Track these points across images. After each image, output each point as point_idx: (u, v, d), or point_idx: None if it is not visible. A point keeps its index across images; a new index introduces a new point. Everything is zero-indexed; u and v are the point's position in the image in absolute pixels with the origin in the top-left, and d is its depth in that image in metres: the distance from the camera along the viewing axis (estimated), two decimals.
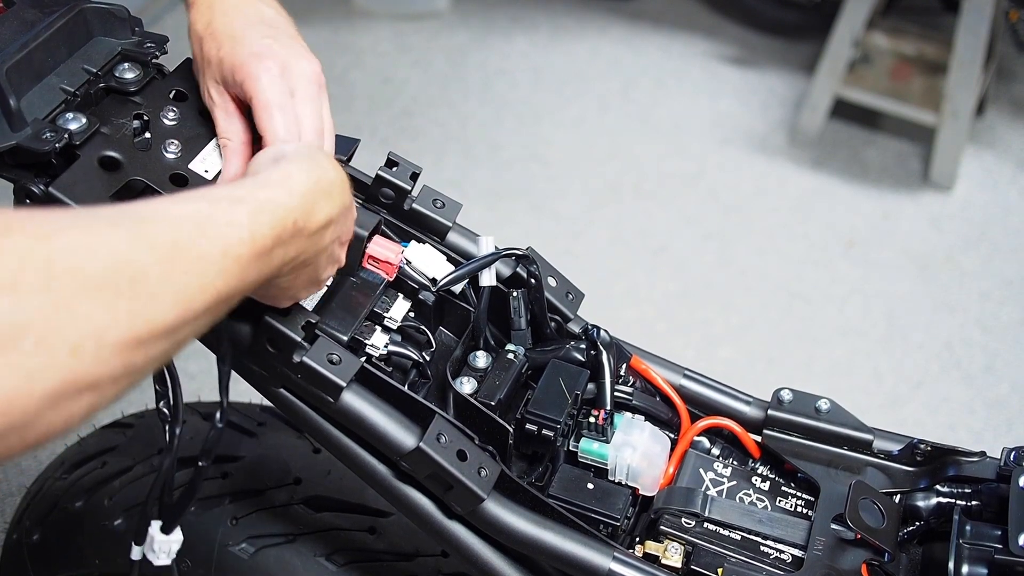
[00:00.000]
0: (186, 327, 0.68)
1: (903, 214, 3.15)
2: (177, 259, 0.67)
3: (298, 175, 0.81)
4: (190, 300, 0.67)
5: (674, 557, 1.02)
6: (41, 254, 0.59)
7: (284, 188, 0.79)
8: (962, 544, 0.97)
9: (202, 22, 0.98)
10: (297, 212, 0.79)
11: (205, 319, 0.70)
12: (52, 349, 0.58)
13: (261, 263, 0.75)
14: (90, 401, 0.61)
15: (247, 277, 0.73)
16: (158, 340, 0.65)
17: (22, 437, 0.59)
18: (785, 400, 1.11)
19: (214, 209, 0.72)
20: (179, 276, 0.66)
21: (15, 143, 0.91)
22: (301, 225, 0.79)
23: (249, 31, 0.97)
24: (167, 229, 0.68)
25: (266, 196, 0.77)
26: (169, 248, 0.66)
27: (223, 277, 0.70)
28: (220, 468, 1.36)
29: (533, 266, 1.09)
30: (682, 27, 3.79)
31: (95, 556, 1.38)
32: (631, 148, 3.31)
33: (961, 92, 3.07)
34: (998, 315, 2.88)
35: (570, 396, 1.06)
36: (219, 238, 0.71)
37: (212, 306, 0.70)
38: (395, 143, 3.17)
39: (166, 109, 1.02)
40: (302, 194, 0.80)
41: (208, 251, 0.69)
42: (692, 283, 2.90)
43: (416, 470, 0.98)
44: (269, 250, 0.75)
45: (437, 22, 3.73)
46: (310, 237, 0.81)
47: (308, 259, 0.84)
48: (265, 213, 0.75)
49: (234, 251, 0.71)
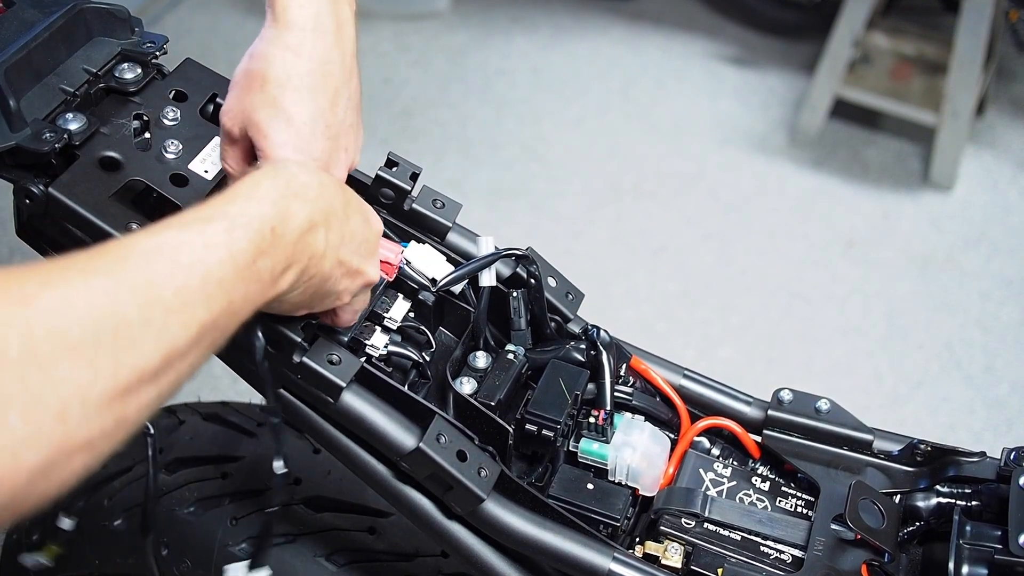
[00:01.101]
0: (175, 366, 0.66)
1: (903, 214, 3.15)
2: (156, 297, 0.65)
3: (265, 182, 0.79)
4: (173, 339, 0.65)
5: (674, 557, 1.02)
6: (21, 320, 0.57)
7: (254, 198, 0.77)
8: (962, 544, 0.97)
9: (279, 64, 0.91)
10: (272, 219, 0.76)
11: (197, 352, 0.68)
12: (37, 419, 0.56)
13: (247, 279, 0.73)
14: (84, 460, 0.60)
15: (234, 297, 0.71)
16: (146, 386, 0.63)
17: (14, 511, 0.57)
18: (785, 400, 1.11)
19: (186, 234, 0.70)
20: (159, 316, 0.64)
21: (15, 143, 0.91)
22: (280, 231, 0.77)
23: (308, 128, 0.91)
24: (142, 266, 0.65)
25: (237, 209, 0.75)
26: (145, 287, 0.64)
27: (206, 305, 0.68)
28: (220, 468, 1.36)
29: (533, 266, 1.09)
30: (682, 27, 3.79)
31: (95, 556, 1.38)
32: (631, 148, 3.31)
33: (961, 92, 3.07)
34: (998, 315, 2.88)
35: (570, 396, 1.06)
36: (197, 264, 0.68)
37: (200, 337, 0.68)
38: (395, 143, 3.17)
39: (166, 109, 1.02)
40: (273, 200, 0.77)
41: (187, 282, 0.67)
42: (692, 283, 2.90)
43: (416, 470, 0.98)
44: (252, 263, 0.73)
45: (437, 22, 3.73)
46: (296, 244, 0.79)
47: (309, 271, 0.82)
48: (239, 227, 0.73)
49: (215, 274, 0.69)
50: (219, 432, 1.40)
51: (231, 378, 1.06)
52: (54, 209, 0.93)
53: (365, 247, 0.90)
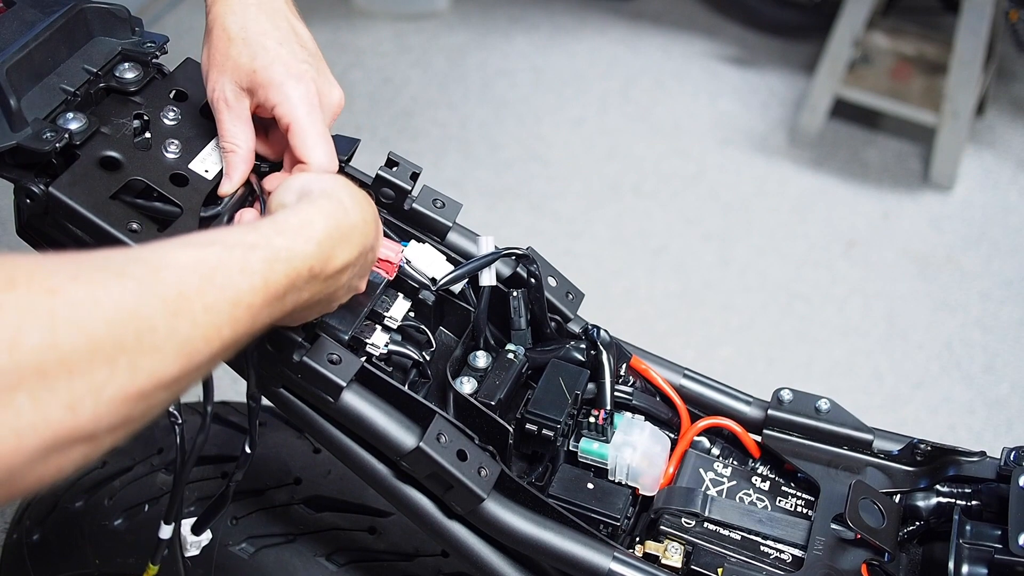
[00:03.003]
0: (190, 376, 0.67)
1: (903, 214, 3.15)
2: (184, 311, 0.65)
3: (318, 221, 0.80)
4: (195, 352, 0.66)
5: (674, 557, 1.02)
6: (45, 309, 0.58)
7: (302, 236, 0.78)
8: (962, 544, 0.97)
9: (236, 23, 0.96)
10: (314, 259, 0.78)
11: (211, 364, 0.69)
12: (47, 406, 0.57)
13: (273, 308, 0.74)
14: (84, 452, 0.60)
15: (258, 322, 0.72)
16: (160, 392, 0.64)
17: (8, 491, 0.57)
18: (785, 400, 1.11)
19: (227, 255, 0.71)
20: (185, 328, 0.65)
21: (15, 143, 0.91)
22: (317, 271, 0.78)
23: (285, 48, 0.96)
24: (175, 279, 0.66)
25: (283, 243, 0.76)
26: (176, 299, 0.65)
27: (232, 325, 0.69)
28: (220, 468, 1.36)
29: (533, 265, 1.09)
30: (682, 27, 3.79)
31: (95, 556, 1.38)
32: (631, 148, 3.31)
33: (961, 92, 3.07)
34: (998, 315, 2.88)
35: (570, 396, 1.06)
36: (230, 287, 0.69)
37: (219, 353, 0.69)
38: (395, 143, 3.17)
39: (166, 109, 1.02)
40: (319, 241, 0.79)
41: (217, 301, 0.68)
42: (692, 283, 2.90)
43: (416, 470, 0.98)
44: (282, 296, 0.75)
45: (437, 22, 3.73)
46: (326, 280, 0.81)
47: (323, 298, 0.84)
48: (281, 261, 0.74)
49: (245, 299, 0.70)
50: (219, 432, 1.40)
51: (231, 378, 1.06)
52: (55, 209, 0.93)
53: (368, 268, 0.92)
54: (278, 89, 0.95)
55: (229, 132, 0.98)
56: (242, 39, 0.96)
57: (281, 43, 0.96)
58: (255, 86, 0.95)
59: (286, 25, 0.98)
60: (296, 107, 0.95)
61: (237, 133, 0.98)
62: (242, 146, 0.98)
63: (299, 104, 0.95)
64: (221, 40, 0.96)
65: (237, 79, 0.96)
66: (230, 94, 0.97)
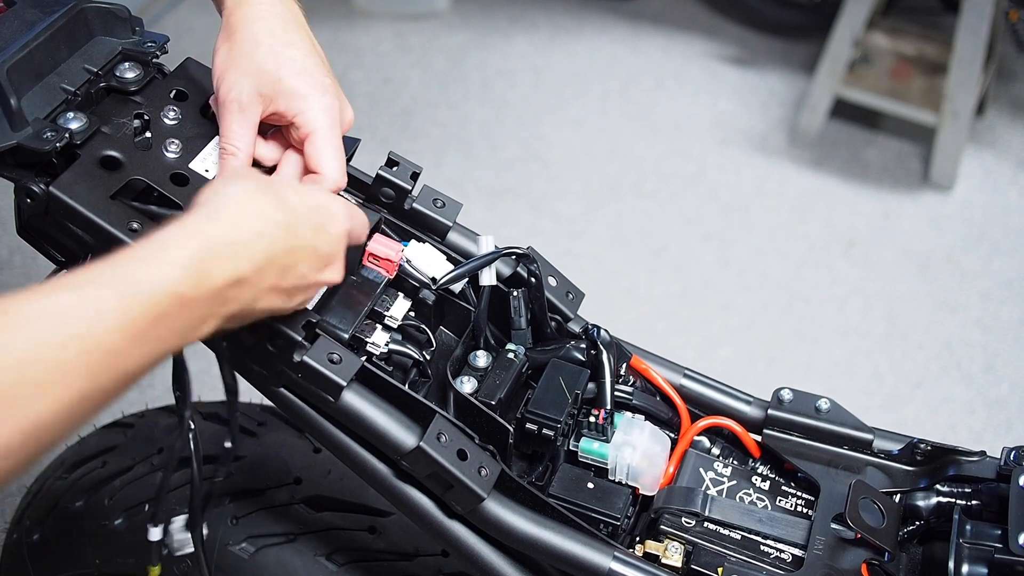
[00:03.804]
0: (42, 437, 0.63)
1: (903, 214, 3.15)
2: (25, 373, 0.61)
3: (180, 241, 0.75)
4: (38, 415, 0.62)
5: (674, 556, 1.02)
6: None
7: (159, 261, 0.73)
8: (962, 544, 0.97)
9: (264, 30, 0.98)
10: (178, 283, 0.72)
11: (80, 416, 0.65)
12: None
13: (146, 341, 0.69)
14: None
15: (126, 362, 0.68)
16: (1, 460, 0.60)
17: None
18: (785, 400, 1.11)
19: (74, 299, 0.66)
20: (26, 392, 0.61)
21: (16, 142, 0.91)
22: (191, 295, 0.73)
23: (311, 61, 0.99)
24: (17, 337, 0.62)
25: (136, 274, 0.71)
26: (15, 362, 0.61)
27: (88, 373, 0.65)
28: (219, 468, 1.36)
29: (533, 265, 1.09)
30: (682, 27, 3.79)
31: (95, 556, 1.38)
32: (631, 148, 3.31)
33: (961, 92, 3.07)
34: (998, 315, 2.88)
35: (570, 395, 1.06)
36: (80, 337, 0.65)
37: (80, 404, 0.64)
38: (395, 143, 3.17)
39: (167, 109, 1.02)
40: (182, 265, 0.73)
41: (63, 354, 0.63)
42: (692, 283, 2.91)
43: (416, 469, 0.98)
44: (151, 328, 0.70)
45: (437, 22, 3.73)
46: (212, 300, 0.75)
47: (241, 315, 0.80)
48: (139, 294, 0.69)
49: (103, 343, 0.66)
50: (219, 432, 1.40)
51: None
52: (55, 208, 0.93)
53: (318, 260, 0.87)
54: (303, 99, 0.97)
55: (234, 135, 0.97)
56: (270, 46, 0.97)
57: (307, 56, 0.99)
58: (277, 94, 0.96)
59: (309, 40, 1.01)
60: (319, 118, 0.97)
61: (241, 136, 0.97)
62: (243, 151, 0.98)
63: (322, 116, 0.97)
64: (247, 43, 0.97)
65: (259, 84, 0.96)
66: (246, 97, 0.96)
